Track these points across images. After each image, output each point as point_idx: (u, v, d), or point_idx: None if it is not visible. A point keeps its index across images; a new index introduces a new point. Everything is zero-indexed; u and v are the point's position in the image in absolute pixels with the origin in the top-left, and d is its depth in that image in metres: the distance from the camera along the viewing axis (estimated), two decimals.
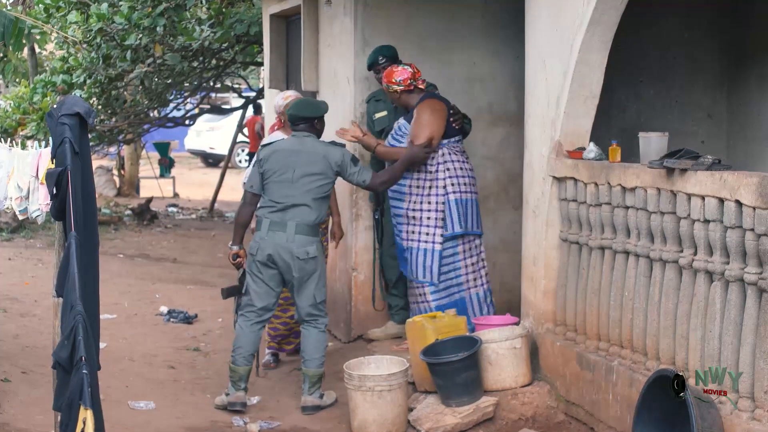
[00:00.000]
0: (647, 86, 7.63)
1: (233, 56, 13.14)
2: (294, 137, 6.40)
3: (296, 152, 6.27)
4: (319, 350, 6.35)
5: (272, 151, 6.35)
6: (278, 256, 6.19)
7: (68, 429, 3.41)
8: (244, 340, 6.31)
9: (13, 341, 7.55)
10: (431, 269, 6.70)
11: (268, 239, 6.18)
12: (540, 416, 5.79)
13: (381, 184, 6.49)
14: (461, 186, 6.74)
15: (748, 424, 4.38)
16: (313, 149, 6.29)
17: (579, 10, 5.60)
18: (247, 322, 6.32)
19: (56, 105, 4.39)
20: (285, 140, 6.50)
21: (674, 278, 4.96)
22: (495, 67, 7.81)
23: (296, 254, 6.18)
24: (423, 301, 6.78)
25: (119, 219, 15.03)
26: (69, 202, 4.05)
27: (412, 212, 6.76)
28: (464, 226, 6.73)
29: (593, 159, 5.65)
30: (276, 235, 6.18)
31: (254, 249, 6.25)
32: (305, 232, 6.20)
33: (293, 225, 6.18)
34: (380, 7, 7.58)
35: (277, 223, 6.19)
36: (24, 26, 9.22)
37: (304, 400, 6.32)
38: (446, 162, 6.73)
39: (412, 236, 6.77)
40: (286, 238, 6.17)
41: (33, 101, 12.40)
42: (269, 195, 6.25)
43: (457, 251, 6.76)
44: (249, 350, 6.32)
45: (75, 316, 3.60)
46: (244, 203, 6.42)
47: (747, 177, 4.39)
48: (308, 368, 6.32)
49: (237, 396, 6.29)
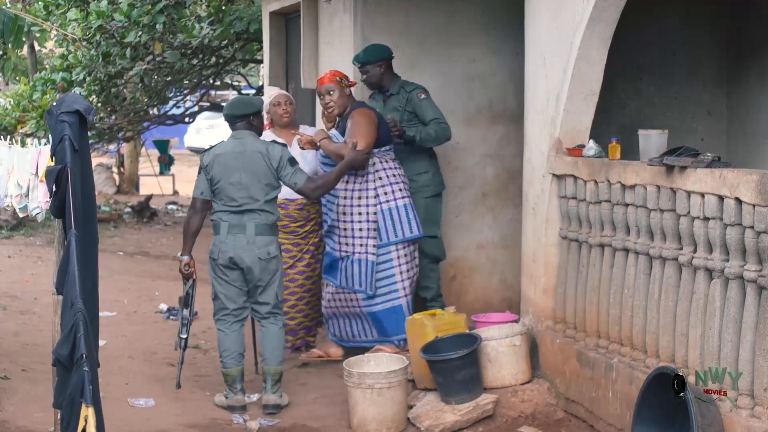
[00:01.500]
0: (647, 83, 7.63)
1: (233, 54, 13.14)
2: (234, 138, 6.31)
3: (239, 154, 6.22)
4: (280, 347, 6.38)
5: (215, 155, 6.25)
6: (240, 259, 6.18)
7: (69, 426, 3.41)
8: (228, 343, 6.28)
9: (12, 339, 7.55)
10: (367, 280, 6.67)
11: (229, 242, 6.17)
12: (540, 413, 5.79)
13: (314, 189, 6.31)
14: (395, 193, 6.70)
15: (747, 421, 4.38)
16: (255, 148, 6.24)
17: (579, 7, 5.60)
18: (225, 325, 6.29)
19: (56, 103, 4.39)
20: (226, 142, 6.35)
21: (674, 276, 4.96)
22: (494, 64, 7.81)
23: (258, 255, 6.18)
24: (355, 306, 6.76)
25: (119, 216, 15.04)
26: (69, 200, 4.05)
27: (343, 224, 6.71)
28: (398, 234, 6.69)
29: (593, 156, 5.65)
30: (236, 238, 6.17)
31: (215, 253, 6.21)
32: (264, 232, 6.21)
33: (252, 226, 6.17)
34: (380, 3, 7.57)
35: (236, 226, 6.17)
36: (24, 24, 9.23)
37: (266, 399, 6.27)
38: (377, 171, 6.69)
39: (345, 247, 6.73)
40: (246, 240, 6.17)
41: (32, 99, 12.40)
42: (222, 199, 6.21)
43: (390, 257, 6.72)
44: (237, 351, 6.30)
45: (75, 313, 3.60)
46: (194, 211, 6.29)
47: (747, 174, 4.39)
48: (270, 365, 6.29)
49: (237, 399, 6.27)
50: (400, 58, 7.63)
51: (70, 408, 3.43)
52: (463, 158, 7.80)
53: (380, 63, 6.99)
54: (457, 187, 7.79)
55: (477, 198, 7.85)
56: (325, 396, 6.56)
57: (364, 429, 5.82)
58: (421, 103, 6.93)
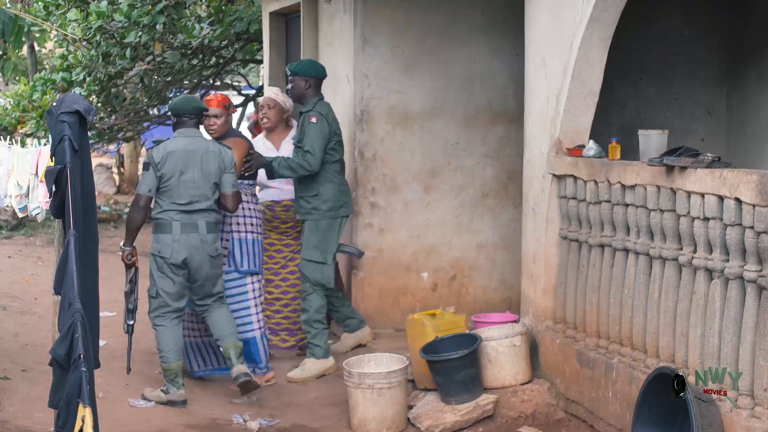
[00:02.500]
0: (647, 84, 7.63)
1: (233, 54, 13.13)
2: (185, 136, 6.33)
3: (193, 152, 6.26)
4: (233, 322, 6.46)
5: (167, 152, 6.25)
6: (192, 258, 6.24)
7: (66, 426, 3.40)
8: (169, 339, 6.30)
9: (12, 339, 7.55)
10: None
11: (183, 242, 6.20)
12: (540, 414, 5.79)
13: (234, 203, 6.38)
14: (246, 226, 6.77)
15: (747, 421, 4.38)
16: (207, 148, 6.31)
17: (579, 7, 5.60)
18: (166, 321, 6.33)
19: (56, 103, 4.38)
20: (176, 140, 6.34)
21: (674, 276, 4.96)
22: (494, 64, 7.81)
23: (209, 252, 6.28)
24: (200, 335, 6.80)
25: (119, 217, 15.03)
26: (68, 200, 4.05)
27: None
28: (245, 265, 6.75)
29: (593, 156, 5.65)
30: (190, 237, 6.22)
31: (167, 252, 6.22)
32: (214, 230, 6.33)
33: (204, 224, 6.25)
34: (380, 4, 7.58)
35: (188, 225, 6.22)
36: (23, 24, 9.21)
37: (237, 370, 6.26)
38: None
39: None
40: (200, 238, 6.24)
41: (32, 99, 12.40)
42: (172, 197, 6.22)
43: (246, 290, 6.78)
44: (177, 346, 6.34)
45: (73, 313, 3.59)
46: (138, 207, 6.26)
47: (747, 174, 4.39)
48: (231, 341, 6.34)
49: (179, 394, 6.29)
50: (400, 58, 7.65)
51: (67, 408, 3.43)
52: (463, 158, 7.81)
53: (307, 79, 6.89)
54: (457, 187, 7.80)
55: (477, 198, 7.85)
56: (325, 396, 6.56)
57: (364, 429, 5.82)
58: (309, 126, 6.76)
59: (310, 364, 6.83)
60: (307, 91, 6.89)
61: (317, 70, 6.97)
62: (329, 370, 6.82)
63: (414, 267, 7.78)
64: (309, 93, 6.90)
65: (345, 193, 6.94)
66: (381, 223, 7.70)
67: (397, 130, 7.70)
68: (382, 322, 7.68)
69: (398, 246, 7.74)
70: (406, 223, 7.75)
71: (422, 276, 7.80)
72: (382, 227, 7.71)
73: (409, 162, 7.73)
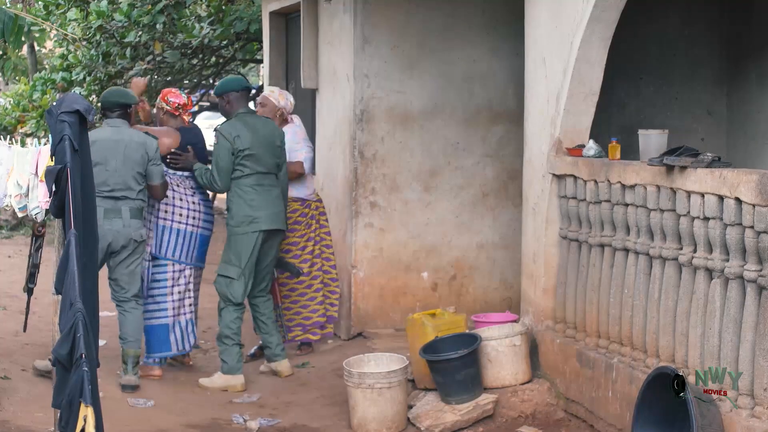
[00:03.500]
0: (647, 83, 7.63)
1: (233, 53, 13.14)
2: (111, 126, 6.58)
3: (117, 141, 6.49)
4: (139, 331, 6.65)
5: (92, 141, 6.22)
6: (116, 243, 6.47)
7: (68, 426, 3.40)
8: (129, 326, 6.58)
9: (13, 339, 7.56)
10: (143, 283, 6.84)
11: (106, 227, 6.37)
12: (540, 413, 5.79)
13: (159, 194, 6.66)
14: (175, 215, 6.87)
15: (747, 421, 4.38)
16: (131, 138, 6.54)
17: (579, 7, 5.60)
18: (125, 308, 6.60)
19: (56, 102, 4.38)
20: (102, 130, 6.62)
21: (674, 275, 4.96)
22: (495, 64, 7.81)
23: (134, 237, 6.50)
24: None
25: None
26: (68, 200, 4.04)
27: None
28: (162, 253, 6.84)
29: (593, 156, 5.65)
30: (113, 222, 6.44)
31: None
32: (138, 216, 6.55)
33: (127, 210, 6.48)
34: (379, 4, 7.58)
35: (112, 210, 6.44)
36: (23, 23, 9.22)
37: (127, 379, 6.51)
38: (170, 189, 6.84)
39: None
40: (122, 224, 6.46)
41: (32, 99, 12.41)
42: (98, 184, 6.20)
43: (165, 277, 6.91)
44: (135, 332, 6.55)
45: (75, 313, 3.59)
46: None
47: (747, 174, 4.39)
48: (130, 348, 6.56)
49: (128, 379, 6.52)
50: (400, 58, 7.65)
51: (69, 408, 3.43)
52: (463, 158, 7.81)
53: (224, 95, 6.85)
54: (457, 186, 7.81)
55: (477, 198, 7.85)
56: (325, 396, 6.56)
57: (364, 429, 5.82)
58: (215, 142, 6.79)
59: (217, 377, 6.78)
60: (228, 107, 6.86)
61: (229, 85, 6.92)
62: (233, 388, 6.67)
63: (414, 267, 7.78)
64: (231, 109, 6.84)
65: (259, 208, 6.69)
66: (381, 223, 7.70)
67: (397, 130, 7.70)
68: (382, 322, 7.68)
69: (398, 246, 7.74)
70: (406, 222, 7.75)
71: (422, 276, 7.80)
72: (382, 227, 7.71)
73: (409, 162, 7.73)
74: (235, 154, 6.64)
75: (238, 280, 6.69)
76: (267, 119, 6.97)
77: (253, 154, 6.67)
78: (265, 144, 6.73)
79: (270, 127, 6.85)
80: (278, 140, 6.84)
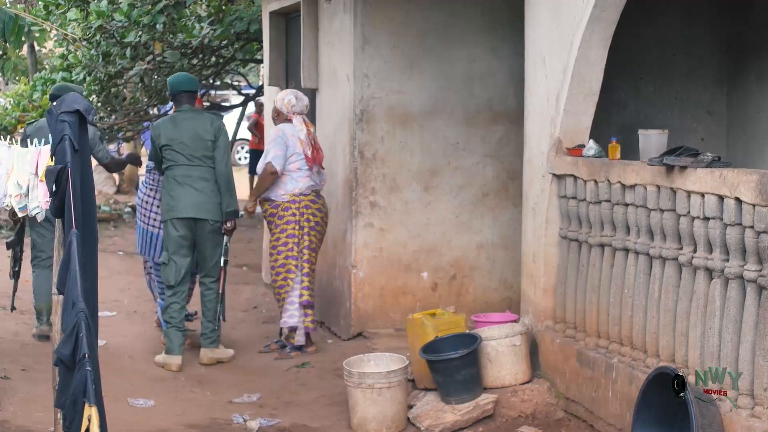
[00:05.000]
0: (647, 83, 7.63)
1: (233, 53, 13.13)
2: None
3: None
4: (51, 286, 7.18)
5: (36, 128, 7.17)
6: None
7: (72, 426, 3.41)
8: (43, 284, 7.38)
9: (12, 338, 7.56)
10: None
11: None
12: (539, 413, 5.79)
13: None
14: (141, 216, 7.69)
15: (747, 421, 4.38)
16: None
17: (579, 7, 5.60)
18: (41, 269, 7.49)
19: (56, 103, 4.39)
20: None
21: (674, 275, 4.96)
22: (494, 64, 7.81)
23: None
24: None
25: (119, 216, 15.03)
26: (68, 200, 4.05)
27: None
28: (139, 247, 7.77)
29: (593, 156, 5.65)
30: None
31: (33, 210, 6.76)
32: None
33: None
34: (380, 4, 7.58)
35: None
36: (24, 23, 9.23)
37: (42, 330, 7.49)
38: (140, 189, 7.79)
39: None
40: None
41: (32, 99, 12.41)
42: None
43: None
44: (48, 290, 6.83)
45: (77, 313, 3.60)
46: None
47: (747, 174, 4.39)
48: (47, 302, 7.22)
49: (42, 329, 7.43)
50: (400, 58, 7.65)
51: (73, 407, 3.43)
52: (463, 158, 7.81)
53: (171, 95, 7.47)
54: (457, 186, 7.81)
55: (477, 198, 7.85)
56: (325, 396, 6.56)
57: (364, 429, 5.82)
58: None
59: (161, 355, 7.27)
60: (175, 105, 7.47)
61: (171, 86, 7.44)
62: (168, 367, 7.13)
63: (414, 266, 7.78)
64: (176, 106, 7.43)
65: (178, 198, 7.19)
66: (381, 223, 7.70)
67: (397, 130, 7.70)
68: (382, 322, 7.68)
69: (398, 245, 7.74)
70: (406, 222, 7.75)
71: (422, 275, 7.80)
72: (382, 227, 7.71)
73: (409, 161, 7.73)
74: (160, 150, 7.27)
75: (168, 264, 7.24)
76: (203, 116, 7.36)
77: (173, 148, 7.20)
78: (190, 138, 7.18)
79: (200, 122, 7.25)
80: (209, 134, 7.22)
